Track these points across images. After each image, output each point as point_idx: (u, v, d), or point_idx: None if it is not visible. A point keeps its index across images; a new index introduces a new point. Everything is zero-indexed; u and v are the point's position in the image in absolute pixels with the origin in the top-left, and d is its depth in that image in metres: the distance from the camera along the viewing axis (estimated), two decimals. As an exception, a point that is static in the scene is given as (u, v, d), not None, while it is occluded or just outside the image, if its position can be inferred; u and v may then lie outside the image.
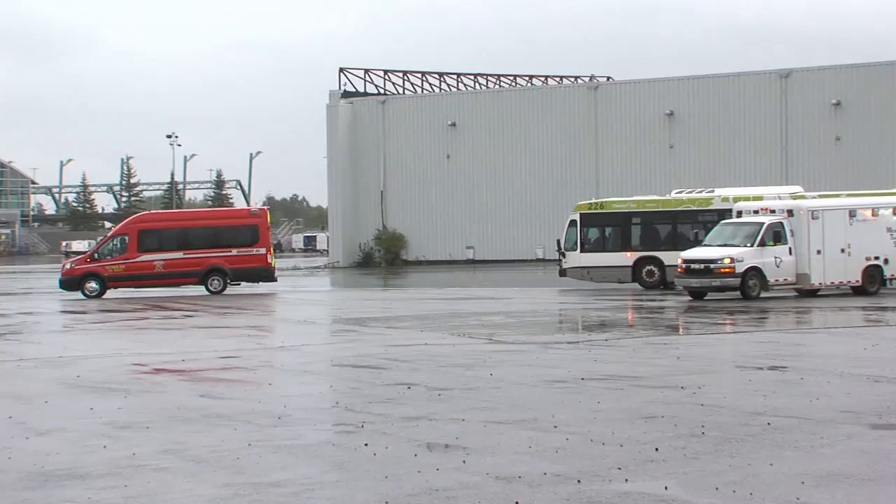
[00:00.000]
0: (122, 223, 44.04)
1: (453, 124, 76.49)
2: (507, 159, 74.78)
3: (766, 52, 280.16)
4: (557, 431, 11.55)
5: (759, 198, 37.82)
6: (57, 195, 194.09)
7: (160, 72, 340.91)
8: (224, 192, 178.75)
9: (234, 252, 41.31)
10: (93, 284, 40.32)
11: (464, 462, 10.13)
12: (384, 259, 76.27)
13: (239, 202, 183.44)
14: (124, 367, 18.21)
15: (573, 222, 42.13)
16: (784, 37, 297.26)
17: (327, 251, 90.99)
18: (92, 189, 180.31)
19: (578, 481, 9.32)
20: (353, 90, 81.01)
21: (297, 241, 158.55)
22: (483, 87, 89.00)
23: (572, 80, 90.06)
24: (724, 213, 39.07)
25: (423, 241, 76.54)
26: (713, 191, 41.60)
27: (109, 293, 40.87)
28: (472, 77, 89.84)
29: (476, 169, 75.70)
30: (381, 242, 76.87)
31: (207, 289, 40.97)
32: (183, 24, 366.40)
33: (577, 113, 73.56)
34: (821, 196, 38.59)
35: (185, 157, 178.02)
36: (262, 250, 41.75)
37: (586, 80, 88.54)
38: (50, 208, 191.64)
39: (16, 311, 34.07)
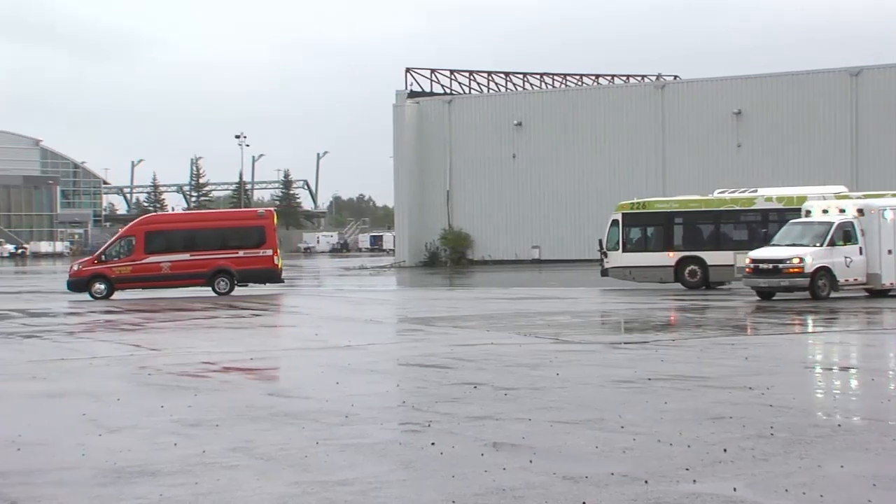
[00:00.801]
0: (129, 225, 43.89)
1: (519, 124, 76.40)
2: (573, 158, 74.56)
3: (826, 50, 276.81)
4: (624, 432, 11.51)
5: (833, 198, 37.35)
6: (128, 195, 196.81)
7: (228, 73, 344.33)
8: (291, 192, 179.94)
9: (241, 253, 41.19)
10: (100, 286, 40.22)
11: (530, 462, 10.13)
12: (450, 259, 76.34)
13: (306, 202, 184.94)
14: (194, 366, 18.41)
15: (615, 222, 42.15)
16: (849, 33, 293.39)
17: (393, 251, 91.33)
18: (162, 189, 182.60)
19: (646, 482, 9.28)
20: (420, 90, 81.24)
21: (364, 240, 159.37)
22: (549, 87, 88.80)
23: (639, 79, 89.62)
24: (768, 213, 39.05)
25: (488, 240, 76.53)
26: (756, 191, 41.41)
27: (118, 294, 40.82)
28: (538, 76, 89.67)
29: (542, 168, 75.56)
30: (447, 242, 76.97)
31: (215, 290, 40.75)
32: (251, 25, 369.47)
33: (643, 112, 73.15)
34: (865, 196, 37.99)
35: (253, 157, 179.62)
36: (269, 252, 41.64)
37: (653, 79, 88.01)
38: (121, 208, 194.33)
39: (88, 309, 34.55)
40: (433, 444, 11.04)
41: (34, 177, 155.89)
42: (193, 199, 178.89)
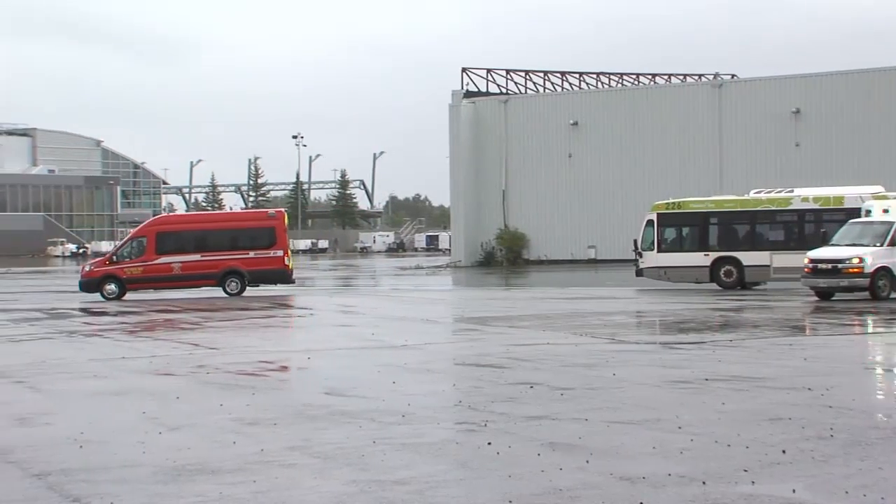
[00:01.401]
0: (141, 226, 43.92)
1: (575, 123, 76.19)
2: (629, 158, 74.24)
3: (890, 48, 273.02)
4: (681, 432, 11.46)
5: (882, 197, 36.99)
6: (187, 195, 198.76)
7: (285, 74, 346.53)
8: (348, 192, 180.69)
9: (252, 254, 41.13)
10: (111, 286, 40.24)
11: (587, 462, 10.11)
12: (506, 258, 76.27)
13: (363, 202, 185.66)
14: (252, 365, 18.55)
15: (650, 222, 42.26)
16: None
17: (449, 250, 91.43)
18: (220, 189, 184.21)
19: (703, 483, 9.24)
20: (476, 90, 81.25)
21: (420, 240, 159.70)
22: (605, 86, 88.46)
23: (696, 78, 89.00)
24: (804, 214, 38.94)
25: (544, 240, 76.39)
26: (792, 191, 41.31)
27: (129, 295, 40.79)
28: (594, 76, 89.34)
29: (597, 168, 75.31)
30: (502, 242, 76.91)
31: (225, 291, 40.70)
32: (307, 26, 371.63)
33: (700, 111, 72.67)
34: None
35: (311, 157, 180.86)
36: (280, 252, 41.55)
37: (710, 77, 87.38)
38: (181, 208, 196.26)
39: (147, 309, 34.92)
40: (489, 443, 11.05)
41: (95, 177, 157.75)
42: (251, 198, 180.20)
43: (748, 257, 39.97)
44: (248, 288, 41.31)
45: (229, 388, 15.79)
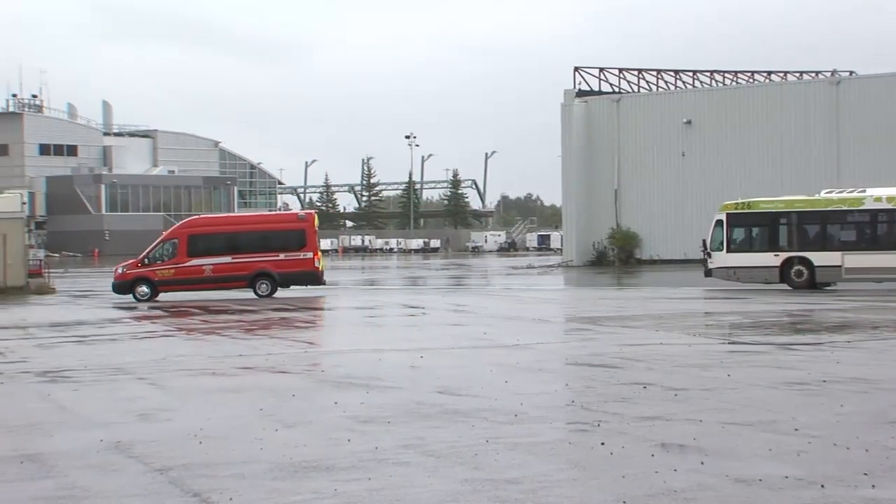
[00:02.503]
0: (173, 228, 43.74)
1: (689, 122, 75.35)
2: (743, 157, 73.13)
3: None
4: (798, 434, 11.30)
5: None
6: (301, 195, 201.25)
7: (398, 74, 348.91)
8: (460, 192, 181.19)
9: (282, 256, 40.96)
10: (144, 288, 40.37)
11: (701, 463, 10.03)
12: (618, 258, 75.76)
13: (474, 201, 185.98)
14: (365, 363, 18.72)
15: (719, 222, 42.02)
16: None
17: (561, 250, 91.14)
18: (334, 189, 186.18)
19: (822, 486, 9.10)
20: (588, 89, 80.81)
21: (532, 239, 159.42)
22: (719, 84, 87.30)
23: (812, 75, 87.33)
24: (877, 214, 38.63)
25: (656, 239, 75.67)
26: (864, 191, 40.79)
27: (161, 296, 40.70)
28: (707, 74, 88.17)
29: (711, 167, 74.34)
30: (615, 241, 76.39)
31: (256, 293, 40.53)
32: (418, 27, 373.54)
33: (816, 109, 71.24)
34: None
35: (423, 157, 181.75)
36: (310, 254, 41.32)
37: (827, 75, 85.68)
38: (295, 207, 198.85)
39: (264, 307, 35.45)
40: (602, 443, 11.03)
41: (213, 177, 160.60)
42: (364, 198, 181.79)
43: (819, 257, 39.67)
44: (279, 289, 40.92)
45: (343, 386, 15.98)
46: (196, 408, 14.21)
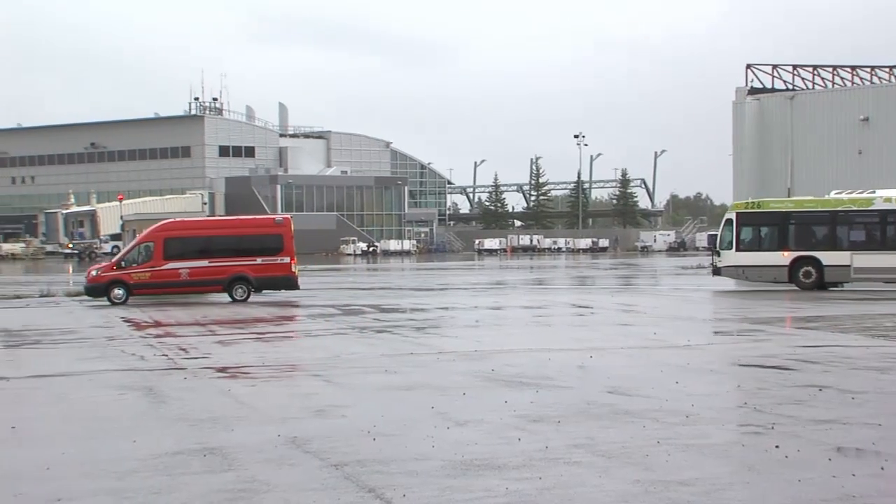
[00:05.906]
0: (148, 231, 42.70)
1: (866, 119, 73.17)
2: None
3: None
4: (983, 441, 10.93)
5: None
6: (470, 195, 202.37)
7: (563, 74, 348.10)
8: (628, 191, 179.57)
9: (259, 261, 40.50)
10: (118, 291, 39.65)
11: (881, 469, 9.81)
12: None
13: (643, 201, 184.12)
14: (534, 362, 18.79)
15: (729, 221, 42.40)
16: None
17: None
18: (503, 189, 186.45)
19: None
20: (761, 86, 79.19)
21: (701, 239, 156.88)
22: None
23: None
24: (886, 215, 38.46)
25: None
26: (874, 191, 40.50)
27: (134, 300, 39.95)
28: (886, 69, 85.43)
29: (890, 165, 72.01)
30: (786, 240, 74.70)
31: (232, 297, 40.06)
32: (585, 27, 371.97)
33: None
34: None
35: (591, 156, 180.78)
36: (287, 259, 40.81)
37: None
38: (464, 207, 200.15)
39: (434, 305, 35.83)
40: (777, 446, 10.87)
41: (385, 177, 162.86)
42: (533, 198, 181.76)
43: (828, 257, 40.03)
44: (252, 295, 40.45)
45: (513, 385, 16.08)
46: (369, 405, 14.48)
